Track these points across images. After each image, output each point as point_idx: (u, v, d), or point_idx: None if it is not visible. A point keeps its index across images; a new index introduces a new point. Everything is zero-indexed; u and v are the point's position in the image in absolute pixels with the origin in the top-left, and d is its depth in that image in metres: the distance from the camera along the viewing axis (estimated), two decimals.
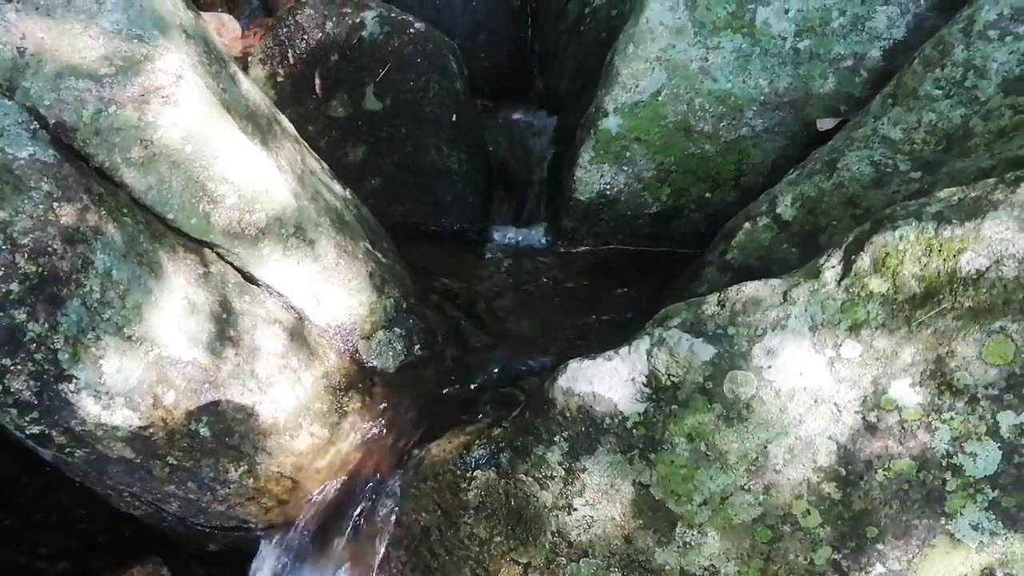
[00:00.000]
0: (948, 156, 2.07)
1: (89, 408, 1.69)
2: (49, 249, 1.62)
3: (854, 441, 1.60)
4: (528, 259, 2.91)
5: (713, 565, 1.68)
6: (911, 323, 1.55)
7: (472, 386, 2.25)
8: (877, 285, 1.57)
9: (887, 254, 1.57)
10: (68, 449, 1.76)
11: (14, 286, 1.58)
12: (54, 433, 1.71)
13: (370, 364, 2.18)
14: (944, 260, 1.52)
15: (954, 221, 1.52)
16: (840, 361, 1.59)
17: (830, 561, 1.63)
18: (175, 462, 1.83)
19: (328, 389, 2.05)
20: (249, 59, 3.28)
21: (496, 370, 2.31)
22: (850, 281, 1.59)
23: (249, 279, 1.97)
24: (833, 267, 1.62)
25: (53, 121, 1.72)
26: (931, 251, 1.53)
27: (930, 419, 1.56)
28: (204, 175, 1.84)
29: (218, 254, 1.93)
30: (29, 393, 1.65)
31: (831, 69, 2.51)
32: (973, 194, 1.53)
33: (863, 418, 1.58)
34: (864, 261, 1.58)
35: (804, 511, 1.62)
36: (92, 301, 1.66)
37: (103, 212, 1.70)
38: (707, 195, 2.74)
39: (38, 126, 1.69)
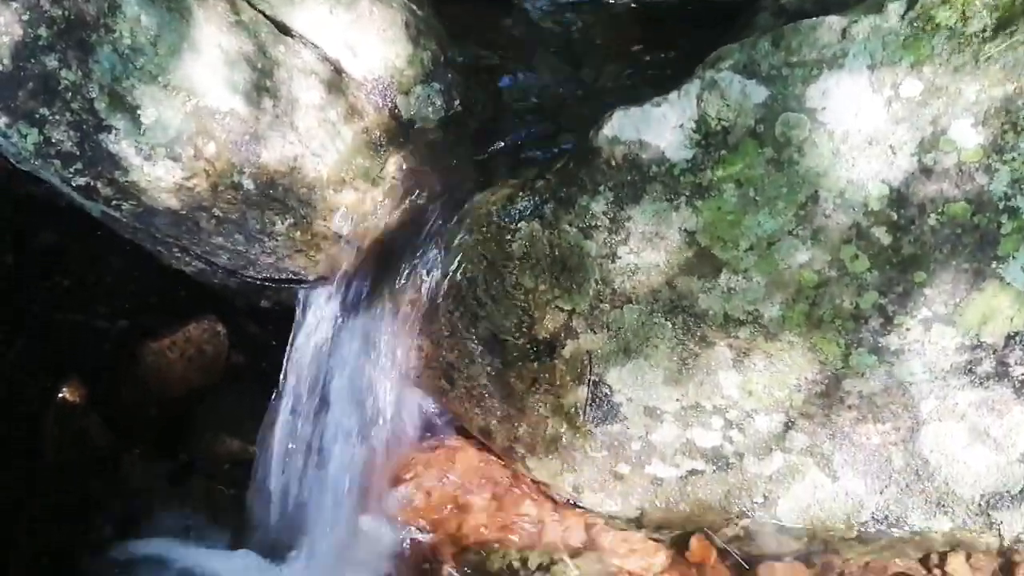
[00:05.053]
0: None
1: (131, 159, 1.69)
2: None
3: (908, 184, 1.56)
4: (569, 12, 2.77)
5: (757, 310, 1.69)
6: (979, 58, 1.47)
7: (514, 140, 2.21)
8: (945, 17, 1.48)
9: None
10: (115, 202, 1.78)
11: (42, 31, 1.55)
12: (99, 184, 1.72)
13: (409, 120, 2.13)
14: None
15: None
16: (898, 100, 1.52)
17: (876, 305, 1.63)
18: (221, 214, 1.84)
19: (368, 144, 2.02)
20: None
21: (538, 124, 2.26)
22: (915, 14, 1.50)
23: (282, 29, 1.90)
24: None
25: None
26: None
27: (990, 160, 1.51)
28: None
29: (248, 2, 1.85)
30: (71, 143, 1.65)
31: None
32: None
33: (919, 160, 1.54)
34: None
35: (852, 256, 1.61)
36: (123, 47, 1.62)
37: None
38: None
39: None
